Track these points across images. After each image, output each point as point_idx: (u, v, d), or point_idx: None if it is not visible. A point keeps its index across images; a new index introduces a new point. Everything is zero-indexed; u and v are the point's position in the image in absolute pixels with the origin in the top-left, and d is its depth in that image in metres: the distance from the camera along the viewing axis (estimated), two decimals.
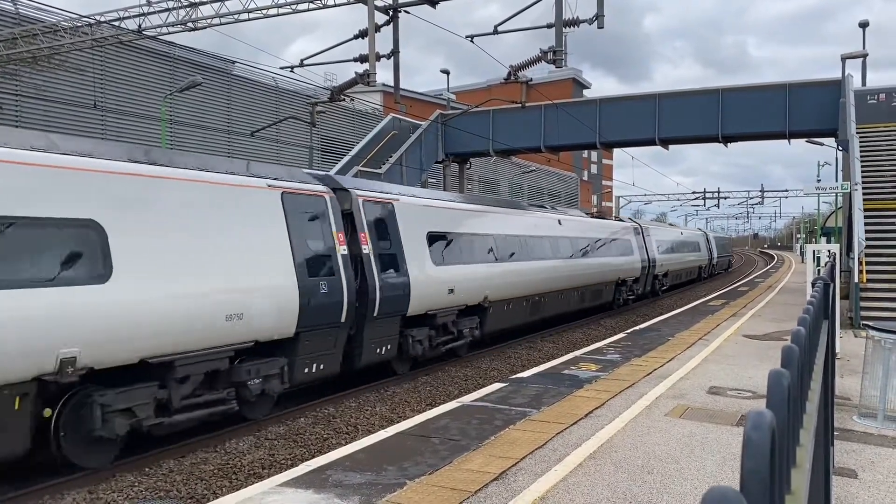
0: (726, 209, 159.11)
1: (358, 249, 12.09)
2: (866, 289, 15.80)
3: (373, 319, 12.20)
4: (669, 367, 10.65)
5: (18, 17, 23.06)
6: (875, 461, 6.44)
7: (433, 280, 13.96)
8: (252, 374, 9.69)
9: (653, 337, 14.20)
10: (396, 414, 10.86)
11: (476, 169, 46.88)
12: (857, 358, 10.41)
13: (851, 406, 8.33)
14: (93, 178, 7.99)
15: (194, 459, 8.61)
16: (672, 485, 5.47)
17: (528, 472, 5.77)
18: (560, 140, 28.71)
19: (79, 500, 7.25)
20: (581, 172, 79.85)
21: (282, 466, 8.26)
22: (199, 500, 7.33)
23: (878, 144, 21.89)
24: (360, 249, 12.13)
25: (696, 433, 6.95)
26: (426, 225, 14.25)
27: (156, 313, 8.22)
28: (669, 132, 26.72)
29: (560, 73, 75.82)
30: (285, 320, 10.13)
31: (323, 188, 11.66)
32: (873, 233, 17.15)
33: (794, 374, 1.26)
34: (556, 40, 15.84)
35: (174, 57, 29.15)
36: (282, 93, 34.50)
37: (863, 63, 27.41)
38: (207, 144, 30.20)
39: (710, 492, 0.54)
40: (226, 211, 9.52)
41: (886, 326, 7.72)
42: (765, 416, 0.75)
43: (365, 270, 12.11)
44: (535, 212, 20.95)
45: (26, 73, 22.89)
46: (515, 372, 12.91)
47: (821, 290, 2.94)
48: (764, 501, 0.68)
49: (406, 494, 5.30)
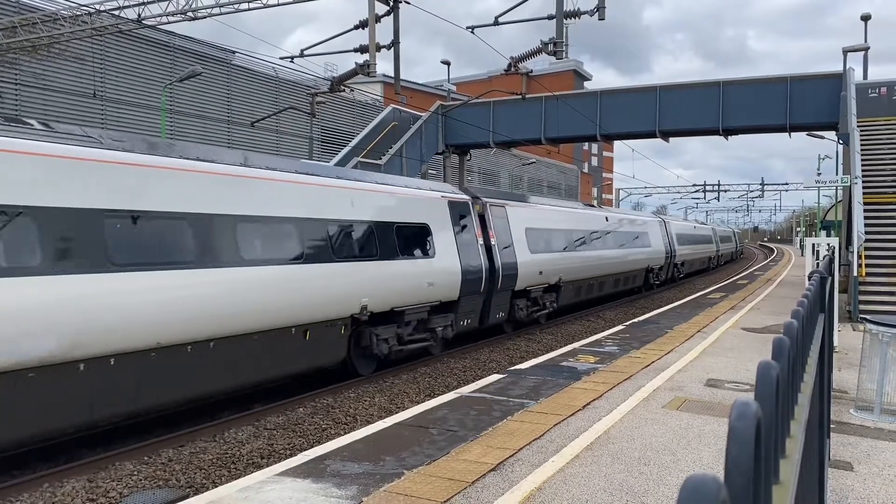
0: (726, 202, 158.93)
1: (488, 241, 16.41)
2: (865, 282, 15.82)
3: (497, 292, 16.62)
4: (667, 360, 10.67)
5: (18, 6, 22.98)
6: (871, 454, 6.47)
7: (530, 265, 18.23)
8: (438, 323, 14.33)
9: (651, 329, 14.22)
10: (395, 405, 10.89)
11: (476, 160, 46.83)
12: (855, 351, 10.44)
13: (848, 399, 8.36)
14: (421, 200, 14.30)
15: (193, 448, 8.65)
16: (668, 476, 5.50)
17: (526, 463, 5.80)
18: (560, 132, 28.66)
19: (78, 488, 7.28)
20: (581, 164, 79.75)
21: (280, 456, 8.29)
22: (197, 488, 7.36)
23: (879, 138, 21.87)
24: (489, 241, 16.49)
25: (693, 425, 6.98)
26: (525, 223, 18.59)
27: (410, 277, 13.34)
28: (670, 125, 26.67)
29: (561, 65, 75.56)
30: (454, 288, 14.78)
31: (467, 197, 16.30)
32: (873, 226, 17.15)
33: (785, 366, 1.27)
34: (556, 32, 15.81)
35: (174, 46, 29.06)
36: (282, 83, 34.41)
37: (864, 56, 27.35)
38: (207, 135, 30.15)
39: (689, 479, 0.54)
40: (427, 214, 14.37)
41: (884, 320, 7.73)
42: (750, 406, 0.75)
43: (493, 256, 16.44)
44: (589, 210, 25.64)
45: (26, 61, 22.83)
46: (514, 363, 12.94)
47: (817, 283, 2.95)
48: (747, 490, 0.69)
49: (404, 484, 5.33)
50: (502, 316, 17.35)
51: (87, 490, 7.25)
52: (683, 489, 0.53)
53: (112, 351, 7.91)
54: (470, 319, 15.67)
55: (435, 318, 14.18)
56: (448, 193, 15.53)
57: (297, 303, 10.41)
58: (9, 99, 22.95)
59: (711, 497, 0.52)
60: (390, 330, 12.88)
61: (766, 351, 11.51)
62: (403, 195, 13.81)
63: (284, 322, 10.27)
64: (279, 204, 10.41)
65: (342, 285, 11.44)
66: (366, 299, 11.96)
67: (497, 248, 16.61)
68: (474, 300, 15.64)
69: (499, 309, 16.95)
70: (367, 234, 12.29)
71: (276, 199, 10.38)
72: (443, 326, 14.43)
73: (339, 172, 12.68)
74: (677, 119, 26.52)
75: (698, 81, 26.95)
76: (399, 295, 12.91)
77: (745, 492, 0.69)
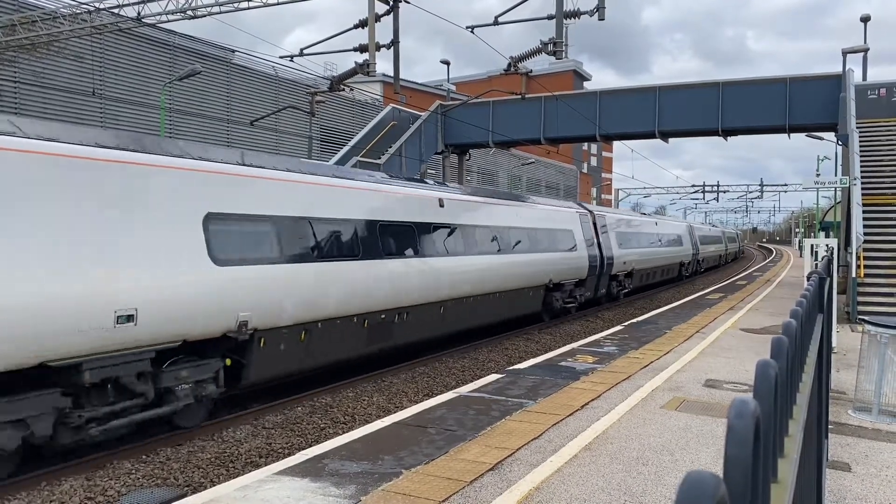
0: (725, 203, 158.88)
1: (598, 240, 24.12)
2: (864, 283, 15.83)
3: (603, 275, 24.25)
4: (666, 360, 10.68)
5: (17, 4, 22.95)
6: (869, 455, 6.47)
7: (620, 257, 26.11)
8: (578, 292, 22.25)
9: (650, 329, 14.22)
10: (393, 404, 10.89)
11: (475, 160, 46.83)
12: (854, 352, 10.45)
13: (847, 400, 8.36)
14: (568, 213, 22.30)
15: (191, 447, 8.64)
16: (666, 476, 5.50)
17: (524, 463, 5.80)
18: (560, 132, 28.66)
19: (76, 486, 7.27)
20: (580, 165, 79.72)
21: (279, 455, 8.29)
22: (196, 487, 7.35)
23: (878, 139, 21.88)
24: (599, 240, 24.22)
25: (691, 425, 6.98)
26: (616, 227, 26.51)
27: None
28: (669, 125, 26.68)
29: (560, 65, 75.58)
30: (584, 270, 22.47)
31: (586, 209, 24.42)
32: (872, 228, 17.17)
33: (784, 366, 1.27)
34: (556, 32, 15.80)
35: (173, 45, 29.04)
36: (281, 82, 34.40)
37: (864, 58, 27.36)
38: (206, 133, 30.12)
39: (688, 476, 0.54)
40: (572, 223, 22.18)
41: (883, 321, 7.74)
42: (748, 404, 0.76)
43: (601, 251, 24.14)
44: (647, 218, 34.14)
45: (25, 59, 22.80)
46: (513, 363, 12.94)
47: (815, 283, 2.95)
48: (745, 488, 0.69)
49: (402, 483, 5.33)
50: (603, 292, 25.02)
51: (85, 488, 7.25)
52: (683, 485, 0.53)
53: (382, 307, 12.45)
54: (590, 292, 23.47)
55: (575, 290, 22.15)
56: (577, 207, 23.83)
57: (520, 276, 18.07)
58: (7, 97, 22.92)
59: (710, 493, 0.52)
60: (559, 294, 20.71)
61: (765, 352, 11.52)
62: (563, 211, 22.19)
63: (517, 285, 17.95)
64: (508, 219, 18.04)
65: (539, 268, 19.12)
66: (551, 276, 19.87)
67: (603, 245, 24.41)
68: (592, 279, 23.37)
69: (602, 286, 24.73)
70: (549, 236, 20.16)
71: (503, 216, 17.88)
72: (579, 294, 22.42)
73: (521, 198, 20.78)
74: (677, 119, 26.53)
75: (698, 82, 26.96)
76: (562, 274, 20.71)
77: (744, 489, 0.69)
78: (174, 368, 8.63)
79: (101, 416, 7.78)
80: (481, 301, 16.01)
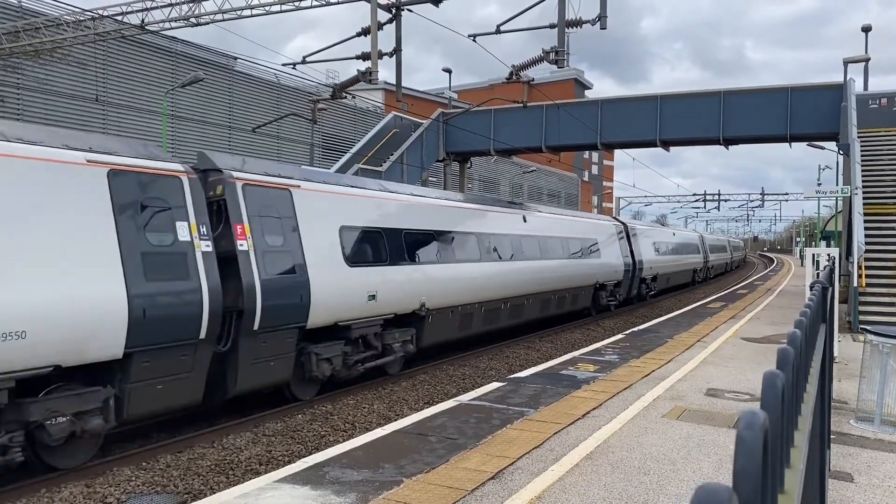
0: (726, 211, 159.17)
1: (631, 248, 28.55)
2: (865, 293, 15.81)
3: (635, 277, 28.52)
4: (667, 369, 10.66)
5: (21, 11, 23.05)
6: (871, 465, 6.45)
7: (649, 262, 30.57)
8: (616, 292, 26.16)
9: (651, 338, 14.20)
10: (394, 412, 10.87)
11: (477, 168, 46.87)
12: (856, 362, 10.43)
13: (849, 410, 8.34)
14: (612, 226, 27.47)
15: (191, 455, 8.62)
16: (668, 486, 5.48)
17: (525, 472, 5.79)
18: (561, 140, 28.69)
19: (76, 493, 7.25)
20: (582, 173, 79.76)
21: (279, 463, 8.27)
22: (195, 495, 7.33)
23: (879, 149, 21.89)
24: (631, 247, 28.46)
25: (693, 435, 6.97)
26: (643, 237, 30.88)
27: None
28: (670, 134, 26.71)
29: (562, 74, 75.77)
30: (620, 273, 26.35)
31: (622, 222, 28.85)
32: (873, 237, 17.15)
33: (790, 376, 1.27)
34: (558, 40, 15.84)
35: (176, 52, 29.13)
36: (283, 89, 34.48)
37: (865, 67, 27.40)
38: (208, 140, 30.18)
39: (700, 488, 0.54)
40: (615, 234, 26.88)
41: (884, 331, 7.72)
42: (758, 416, 0.76)
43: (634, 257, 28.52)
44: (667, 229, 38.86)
45: (28, 66, 22.88)
46: (514, 371, 12.92)
47: (818, 293, 2.95)
48: (755, 500, 0.69)
49: (403, 492, 5.31)
50: (635, 293, 28.99)
51: (85, 495, 7.23)
52: (696, 496, 0.54)
53: (479, 300, 16.13)
54: (625, 292, 27.42)
55: (615, 290, 26.01)
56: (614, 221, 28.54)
57: (581, 276, 22.54)
58: (11, 103, 22.99)
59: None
60: (604, 293, 24.89)
61: (766, 361, 11.52)
62: (604, 223, 26.70)
63: (579, 284, 22.45)
64: (570, 231, 22.54)
65: (592, 270, 23.46)
66: (598, 277, 24.03)
67: (634, 252, 28.56)
68: (626, 282, 27.30)
69: (634, 288, 28.55)
70: (597, 245, 24.32)
71: (567, 228, 22.42)
72: (618, 293, 26.39)
73: (576, 213, 25.64)
74: (678, 128, 26.56)
75: (699, 91, 27.01)
76: (606, 276, 24.82)
77: (754, 500, 0.69)
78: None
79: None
80: (554, 295, 20.75)
